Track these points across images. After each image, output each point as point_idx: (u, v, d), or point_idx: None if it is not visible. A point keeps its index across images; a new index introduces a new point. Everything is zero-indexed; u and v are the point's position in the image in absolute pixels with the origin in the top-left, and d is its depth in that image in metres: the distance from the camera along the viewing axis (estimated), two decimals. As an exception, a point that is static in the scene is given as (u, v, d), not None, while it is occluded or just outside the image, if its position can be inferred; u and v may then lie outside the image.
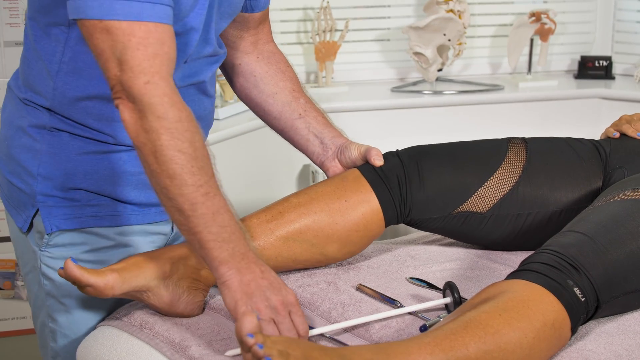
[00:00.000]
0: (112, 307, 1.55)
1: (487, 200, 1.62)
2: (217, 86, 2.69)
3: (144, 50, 1.26)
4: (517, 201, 1.63)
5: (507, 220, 1.64)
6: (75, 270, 1.33)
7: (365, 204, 1.58)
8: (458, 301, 1.42)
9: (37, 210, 1.48)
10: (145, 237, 1.54)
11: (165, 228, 1.58)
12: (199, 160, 1.27)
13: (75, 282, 1.34)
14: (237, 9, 1.56)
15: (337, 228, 1.56)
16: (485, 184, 1.63)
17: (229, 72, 1.72)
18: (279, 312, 1.27)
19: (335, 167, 1.68)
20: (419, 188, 1.61)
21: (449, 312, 1.44)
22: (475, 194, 1.62)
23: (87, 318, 1.54)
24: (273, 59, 1.71)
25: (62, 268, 1.33)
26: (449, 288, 1.43)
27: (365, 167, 1.62)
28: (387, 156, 1.65)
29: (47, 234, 1.47)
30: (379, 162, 1.62)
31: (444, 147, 1.68)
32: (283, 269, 1.57)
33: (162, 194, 1.28)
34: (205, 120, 1.57)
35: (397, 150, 1.67)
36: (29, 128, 1.47)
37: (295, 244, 1.54)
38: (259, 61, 1.70)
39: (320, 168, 1.70)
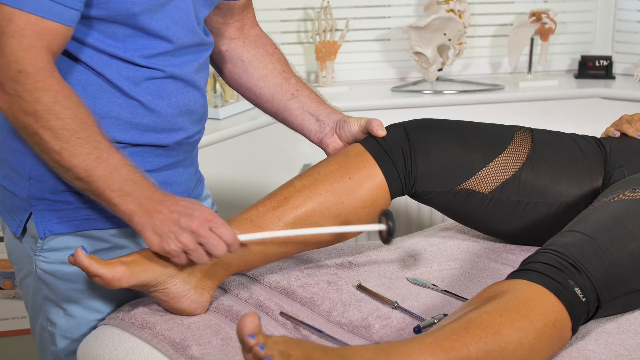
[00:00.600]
0: (113, 308, 1.55)
1: (490, 180, 1.62)
2: (218, 85, 2.69)
3: (19, 40, 1.27)
4: (519, 187, 1.63)
5: (507, 206, 1.64)
6: (85, 260, 1.33)
7: (370, 180, 1.57)
8: (392, 229, 1.45)
9: (31, 214, 1.47)
10: (140, 237, 1.53)
11: None
12: (84, 130, 1.31)
13: (83, 270, 1.34)
14: None
15: (344, 207, 1.55)
16: (490, 164, 1.63)
17: (216, 60, 1.71)
18: (200, 233, 1.33)
19: (335, 142, 1.67)
20: (423, 160, 1.60)
21: (382, 239, 1.48)
22: (479, 172, 1.62)
23: (87, 320, 1.53)
24: (260, 42, 1.70)
25: (72, 255, 1.34)
26: (384, 215, 1.46)
27: (368, 141, 1.61)
28: (392, 128, 1.64)
29: (41, 239, 1.47)
30: (382, 132, 1.61)
31: (450, 123, 1.68)
32: (293, 253, 1.57)
33: (56, 168, 1.34)
34: (196, 114, 1.54)
35: (403, 122, 1.66)
36: None
37: (303, 227, 1.53)
38: (245, 46, 1.69)
39: (319, 146, 1.69)
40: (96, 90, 1.40)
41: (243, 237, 1.41)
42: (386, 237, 1.47)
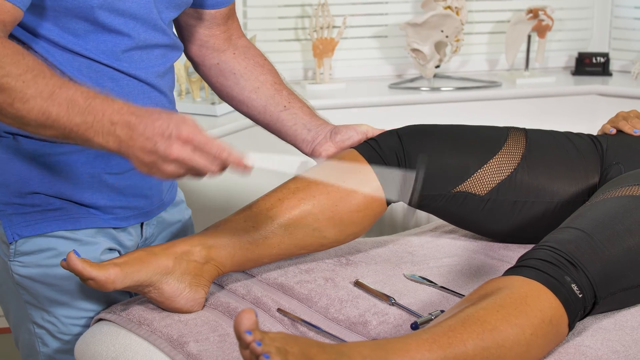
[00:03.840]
0: (100, 307, 1.55)
1: (485, 182, 1.62)
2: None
3: None
4: (515, 188, 1.63)
5: (504, 207, 1.64)
6: (78, 264, 1.32)
7: (364, 184, 1.57)
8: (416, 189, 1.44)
9: None
10: (112, 239, 1.53)
11: (133, 231, 1.57)
12: (29, 72, 1.22)
13: (76, 275, 1.34)
14: (183, 1, 1.52)
15: (338, 210, 1.55)
16: (485, 166, 1.63)
17: (207, 73, 1.70)
18: (183, 160, 1.21)
19: (328, 150, 1.66)
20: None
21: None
22: (474, 175, 1.62)
23: (75, 319, 1.53)
24: (249, 54, 1.70)
25: (64, 260, 1.33)
26: (420, 165, 1.45)
27: (363, 147, 1.62)
28: (386, 135, 1.64)
29: (10, 243, 1.46)
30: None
31: (443, 127, 1.68)
32: (287, 256, 1.57)
33: (17, 124, 1.25)
34: None
35: (396, 129, 1.66)
36: None
37: (296, 230, 1.53)
38: (235, 57, 1.68)
39: (311, 156, 1.69)
40: None
41: (252, 162, 1.29)
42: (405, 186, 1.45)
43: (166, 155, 1.21)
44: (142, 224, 1.59)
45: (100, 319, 1.51)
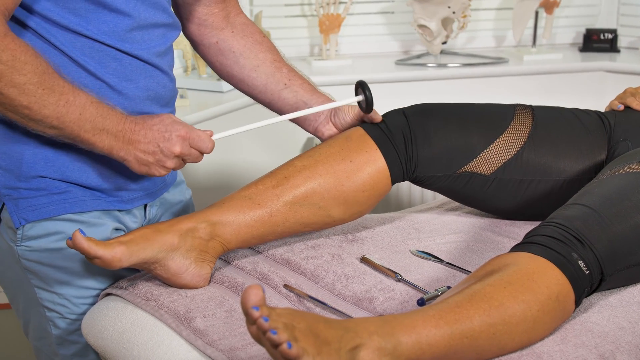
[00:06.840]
0: (109, 281, 1.55)
1: (491, 162, 1.62)
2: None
3: None
4: (521, 166, 1.63)
5: (510, 185, 1.64)
6: (83, 243, 1.33)
7: (371, 164, 1.57)
8: (370, 99, 1.56)
9: (4, 204, 1.46)
10: (117, 221, 1.53)
11: (137, 212, 1.58)
12: (47, 81, 1.30)
13: (82, 253, 1.34)
14: None
15: (344, 189, 1.56)
16: (491, 146, 1.63)
17: (206, 53, 1.69)
18: (183, 154, 1.41)
19: (330, 130, 1.67)
20: (424, 145, 1.60)
21: (362, 110, 1.58)
22: (480, 155, 1.62)
23: (83, 298, 1.53)
24: (248, 31, 1.69)
25: (70, 239, 1.33)
26: (360, 86, 1.56)
27: (370, 125, 1.62)
28: (392, 114, 1.64)
29: (17, 228, 1.46)
30: (379, 117, 1.63)
31: (450, 107, 1.68)
32: (291, 233, 1.57)
33: (27, 122, 1.33)
34: (163, 99, 1.53)
35: (403, 108, 1.66)
36: None
37: (302, 208, 1.54)
38: (234, 35, 1.68)
39: (314, 135, 1.69)
40: (63, 70, 1.38)
41: (217, 136, 1.48)
42: (365, 107, 1.55)
43: (170, 152, 1.39)
44: (145, 206, 1.59)
45: (107, 294, 1.52)
